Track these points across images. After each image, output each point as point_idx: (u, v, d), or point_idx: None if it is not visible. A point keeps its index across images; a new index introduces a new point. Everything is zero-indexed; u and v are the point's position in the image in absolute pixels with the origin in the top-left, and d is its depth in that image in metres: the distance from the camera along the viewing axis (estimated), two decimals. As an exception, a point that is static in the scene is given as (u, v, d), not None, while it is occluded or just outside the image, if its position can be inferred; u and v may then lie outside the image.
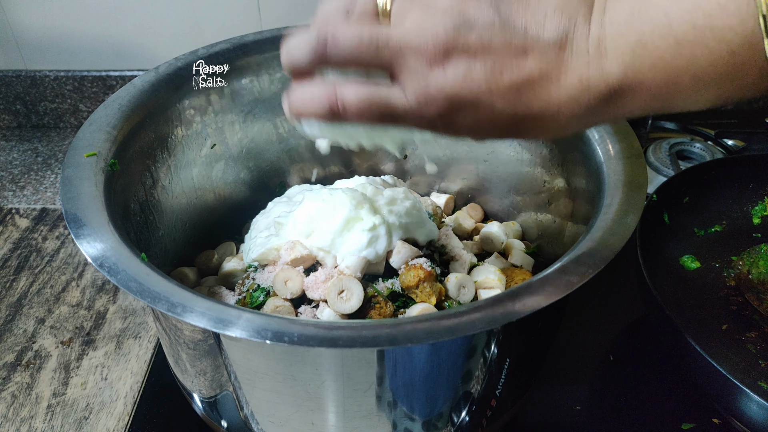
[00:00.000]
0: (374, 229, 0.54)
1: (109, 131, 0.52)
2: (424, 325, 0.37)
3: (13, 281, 0.74)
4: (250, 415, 0.48)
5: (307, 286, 0.52)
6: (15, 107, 1.00)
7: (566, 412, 0.59)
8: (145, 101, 0.56)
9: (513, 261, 0.61)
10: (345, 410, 0.45)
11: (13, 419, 0.59)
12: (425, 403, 0.46)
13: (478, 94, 0.32)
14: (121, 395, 0.61)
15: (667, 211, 0.70)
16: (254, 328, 0.36)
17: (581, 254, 0.42)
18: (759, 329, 0.63)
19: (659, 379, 0.62)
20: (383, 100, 0.33)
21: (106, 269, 0.40)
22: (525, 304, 0.38)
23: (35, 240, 0.80)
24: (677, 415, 0.58)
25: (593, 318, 0.68)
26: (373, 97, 0.33)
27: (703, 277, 0.69)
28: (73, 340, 0.67)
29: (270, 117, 0.67)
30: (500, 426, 0.53)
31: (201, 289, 0.58)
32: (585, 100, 0.32)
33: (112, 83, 0.96)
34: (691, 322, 0.63)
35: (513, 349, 0.46)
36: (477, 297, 0.56)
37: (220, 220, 0.67)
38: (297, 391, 0.43)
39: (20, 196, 0.88)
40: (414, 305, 0.51)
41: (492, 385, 0.47)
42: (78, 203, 0.45)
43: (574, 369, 0.64)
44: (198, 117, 0.61)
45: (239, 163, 0.67)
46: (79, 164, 0.48)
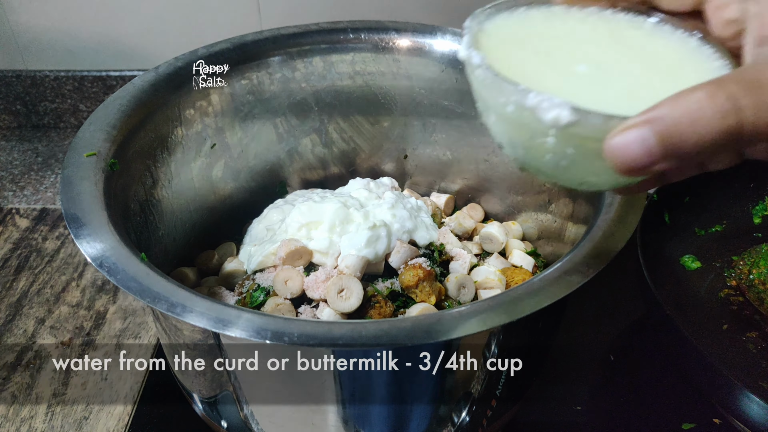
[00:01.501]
0: (374, 229, 0.54)
1: (109, 131, 0.52)
2: (424, 325, 0.37)
3: (13, 281, 0.74)
4: (250, 415, 0.48)
5: (307, 285, 0.52)
6: (15, 107, 1.00)
7: (566, 412, 0.59)
8: (145, 101, 0.56)
9: (513, 261, 0.61)
10: (345, 410, 0.45)
11: (13, 419, 0.59)
12: (425, 403, 0.46)
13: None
14: (121, 395, 0.61)
15: (668, 210, 0.70)
16: (254, 328, 0.36)
17: (581, 254, 0.42)
18: (759, 329, 0.62)
19: (659, 379, 0.62)
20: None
21: (105, 269, 0.40)
22: (525, 304, 0.38)
23: (35, 240, 0.80)
24: (678, 415, 0.58)
25: (593, 318, 0.68)
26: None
27: (703, 277, 0.69)
28: (73, 340, 0.67)
29: (270, 117, 0.67)
30: (500, 426, 0.53)
31: (201, 290, 0.58)
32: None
33: (112, 83, 0.96)
34: (692, 321, 0.63)
35: (513, 349, 0.46)
36: (477, 297, 0.56)
37: (220, 220, 0.67)
38: (297, 391, 0.43)
39: (20, 196, 0.88)
40: (414, 305, 0.51)
41: (492, 385, 0.47)
42: (78, 203, 0.45)
43: (574, 369, 0.64)
44: (198, 117, 0.61)
45: (239, 163, 0.67)
46: (79, 164, 0.48)
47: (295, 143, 0.70)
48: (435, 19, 0.88)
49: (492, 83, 0.30)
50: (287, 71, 0.65)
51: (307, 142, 0.70)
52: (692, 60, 0.34)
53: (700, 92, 0.26)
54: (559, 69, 0.33)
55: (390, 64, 0.66)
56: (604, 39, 0.35)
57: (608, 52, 0.34)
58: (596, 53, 0.34)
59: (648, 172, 0.28)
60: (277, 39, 0.64)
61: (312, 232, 0.56)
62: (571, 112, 0.27)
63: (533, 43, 0.35)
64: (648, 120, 0.27)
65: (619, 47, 0.35)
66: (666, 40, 0.35)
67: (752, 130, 0.26)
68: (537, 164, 0.33)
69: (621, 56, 0.34)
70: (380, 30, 0.66)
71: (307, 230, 0.56)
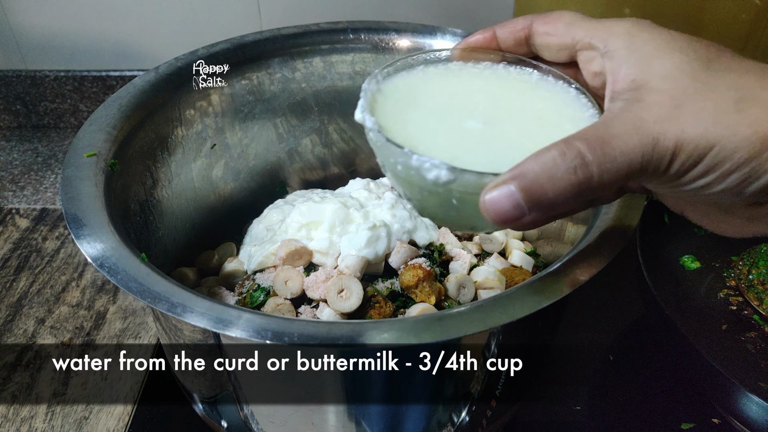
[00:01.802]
0: (374, 229, 0.54)
1: (109, 131, 0.52)
2: (423, 325, 0.37)
3: (13, 281, 0.74)
4: (250, 415, 0.48)
5: (307, 285, 0.52)
6: (15, 107, 1.00)
7: (566, 412, 0.59)
8: (145, 101, 0.56)
9: (513, 261, 0.61)
10: (345, 410, 0.45)
11: (13, 419, 0.59)
12: (425, 403, 0.46)
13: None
14: (121, 395, 0.61)
15: (668, 210, 0.70)
16: (254, 328, 0.36)
17: (581, 254, 0.42)
18: (759, 329, 0.63)
19: (659, 378, 0.62)
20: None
21: (106, 269, 0.40)
22: (525, 304, 0.38)
23: (35, 240, 0.80)
24: (677, 415, 0.58)
25: (593, 318, 0.68)
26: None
27: (702, 277, 0.69)
28: (73, 340, 0.67)
29: (270, 117, 0.67)
30: (500, 426, 0.53)
31: (201, 290, 0.58)
32: None
33: (112, 83, 0.96)
34: (691, 322, 0.63)
35: (513, 349, 0.46)
36: (477, 297, 0.56)
37: (220, 220, 0.67)
38: (297, 391, 0.43)
39: (20, 196, 0.88)
40: (414, 305, 0.52)
41: (492, 385, 0.47)
42: (78, 203, 0.45)
43: (574, 369, 0.64)
44: (198, 117, 0.61)
45: (239, 163, 0.67)
46: (79, 164, 0.48)
47: (295, 143, 0.70)
48: (435, 19, 0.88)
49: (382, 146, 0.34)
50: (287, 71, 0.65)
51: (307, 143, 0.71)
52: (569, 109, 0.38)
53: (554, 150, 0.30)
54: (451, 125, 0.36)
55: (390, 64, 0.66)
56: (495, 92, 0.39)
57: (498, 105, 0.38)
58: (487, 107, 0.38)
59: (522, 223, 0.31)
60: (277, 39, 0.64)
61: (312, 233, 0.56)
62: (448, 172, 0.31)
63: (428, 101, 0.38)
64: (513, 177, 0.30)
65: (508, 100, 0.38)
66: (548, 92, 0.39)
67: (599, 181, 0.29)
68: (430, 212, 0.37)
69: (509, 108, 0.38)
70: (380, 30, 0.66)
71: (307, 230, 0.56)
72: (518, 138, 0.35)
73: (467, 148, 0.34)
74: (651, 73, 0.31)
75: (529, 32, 0.39)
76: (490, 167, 0.32)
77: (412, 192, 0.36)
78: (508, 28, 0.39)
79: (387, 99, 0.38)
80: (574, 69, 0.38)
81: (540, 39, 0.38)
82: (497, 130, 0.36)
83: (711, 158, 0.29)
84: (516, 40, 0.39)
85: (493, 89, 0.39)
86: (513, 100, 0.38)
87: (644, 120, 0.30)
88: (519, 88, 0.39)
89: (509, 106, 0.38)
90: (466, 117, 0.37)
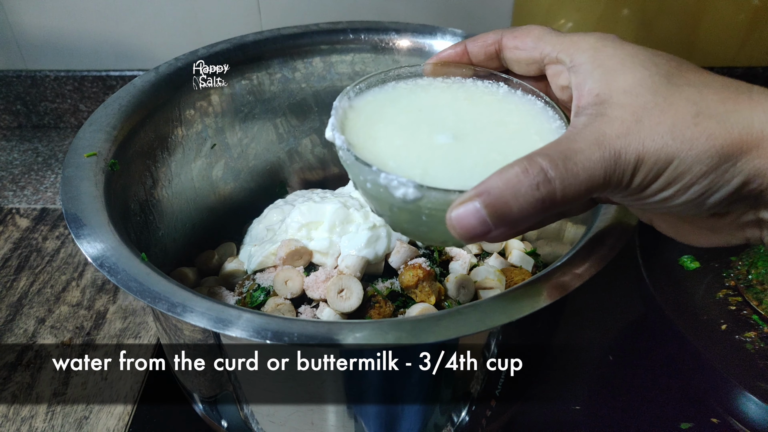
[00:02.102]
0: (374, 229, 0.54)
1: (109, 131, 0.52)
2: (423, 325, 0.37)
3: (14, 281, 0.74)
4: (250, 415, 0.48)
5: (307, 285, 0.52)
6: (15, 107, 1.00)
7: (565, 412, 0.59)
8: (145, 101, 0.56)
9: (513, 261, 0.61)
10: (345, 410, 0.45)
11: (14, 419, 0.59)
12: (425, 403, 0.46)
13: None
14: (121, 395, 0.61)
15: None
16: (254, 328, 0.36)
17: (580, 254, 0.42)
18: (758, 329, 0.63)
19: (658, 378, 0.62)
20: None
21: (106, 269, 0.40)
22: (525, 304, 0.38)
23: (35, 240, 0.80)
24: (676, 415, 0.58)
25: (593, 318, 0.68)
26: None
27: (702, 277, 0.69)
28: (73, 339, 0.67)
29: (270, 117, 0.67)
30: (500, 426, 0.54)
31: (201, 290, 0.58)
32: None
33: (112, 83, 0.96)
34: (690, 322, 0.64)
35: (513, 349, 0.46)
36: (477, 297, 0.56)
37: (220, 220, 0.67)
38: (297, 391, 0.44)
39: (20, 196, 0.88)
40: (413, 305, 0.52)
41: (492, 385, 0.47)
42: (78, 203, 0.45)
43: (574, 369, 0.64)
44: (198, 117, 0.61)
45: (239, 163, 0.67)
46: (79, 164, 0.48)
47: (295, 143, 0.70)
48: (435, 19, 0.88)
49: (352, 164, 0.34)
50: (287, 71, 0.65)
51: (307, 142, 0.71)
52: (536, 121, 0.38)
53: (517, 167, 0.30)
54: (421, 141, 0.37)
55: (390, 64, 0.66)
56: (463, 106, 0.40)
57: (465, 119, 0.38)
58: (455, 121, 0.38)
59: (489, 238, 0.31)
60: (277, 39, 0.64)
61: (312, 233, 0.56)
62: (415, 190, 0.31)
63: (398, 117, 0.38)
64: (478, 193, 0.30)
65: (476, 113, 0.39)
66: (515, 105, 0.39)
67: (562, 196, 0.30)
68: (402, 227, 0.37)
69: (477, 122, 0.38)
70: (380, 30, 0.66)
71: (307, 230, 0.56)
72: (486, 151, 0.36)
73: (436, 164, 0.35)
74: (613, 88, 0.31)
75: (499, 46, 0.39)
76: (460, 181, 0.32)
77: (383, 208, 0.36)
78: (479, 42, 0.40)
79: (358, 115, 0.38)
80: (544, 83, 0.39)
81: (509, 53, 0.39)
82: (465, 143, 0.36)
83: (671, 172, 0.30)
84: (487, 55, 0.40)
85: (460, 103, 0.40)
86: (480, 114, 0.39)
87: (606, 135, 0.30)
88: (486, 101, 0.40)
89: (477, 120, 0.38)
90: (435, 132, 0.37)
